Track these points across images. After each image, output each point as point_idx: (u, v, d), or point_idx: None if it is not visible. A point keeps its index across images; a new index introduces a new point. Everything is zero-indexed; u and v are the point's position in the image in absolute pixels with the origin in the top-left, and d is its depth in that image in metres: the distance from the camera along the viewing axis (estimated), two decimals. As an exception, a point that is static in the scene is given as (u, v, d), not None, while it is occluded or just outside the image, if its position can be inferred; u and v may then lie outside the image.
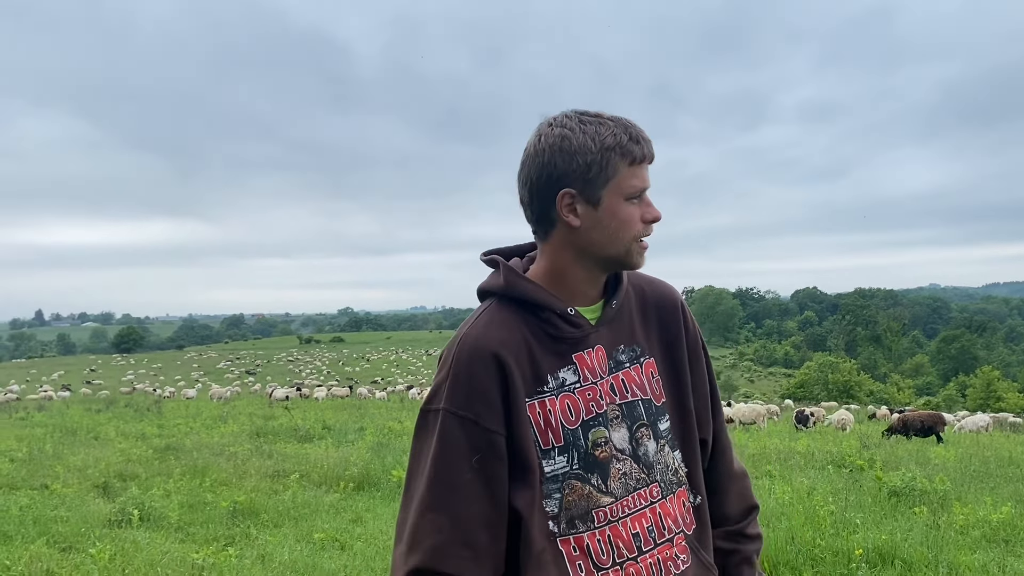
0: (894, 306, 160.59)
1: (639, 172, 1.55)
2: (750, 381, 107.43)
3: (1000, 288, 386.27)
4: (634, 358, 1.66)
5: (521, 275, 1.62)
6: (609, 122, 1.54)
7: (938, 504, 8.67)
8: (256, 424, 19.70)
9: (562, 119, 1.55)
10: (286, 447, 14.54)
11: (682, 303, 1.77)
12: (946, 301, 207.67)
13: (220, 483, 10.01)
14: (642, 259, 1.60)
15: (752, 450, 15.01)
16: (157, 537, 7.12)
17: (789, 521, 7.45)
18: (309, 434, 17.03)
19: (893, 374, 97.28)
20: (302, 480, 10.25)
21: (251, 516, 8.08)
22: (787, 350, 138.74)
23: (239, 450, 13.36)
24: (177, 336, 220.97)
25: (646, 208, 1.58)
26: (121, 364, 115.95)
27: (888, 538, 6.71)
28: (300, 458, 12.32)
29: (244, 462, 11.69)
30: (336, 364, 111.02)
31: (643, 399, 1.64)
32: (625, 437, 1.59)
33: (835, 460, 12.96)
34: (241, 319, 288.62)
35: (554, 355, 1.57)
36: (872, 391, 75.69)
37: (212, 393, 41.10)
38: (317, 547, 6.92)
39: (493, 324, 1.57)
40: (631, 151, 1.52)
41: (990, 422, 26.11)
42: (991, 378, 71.07)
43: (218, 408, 29.23)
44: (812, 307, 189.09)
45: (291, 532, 7.52)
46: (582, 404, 1.57)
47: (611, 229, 1.55)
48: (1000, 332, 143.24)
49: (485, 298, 1.66)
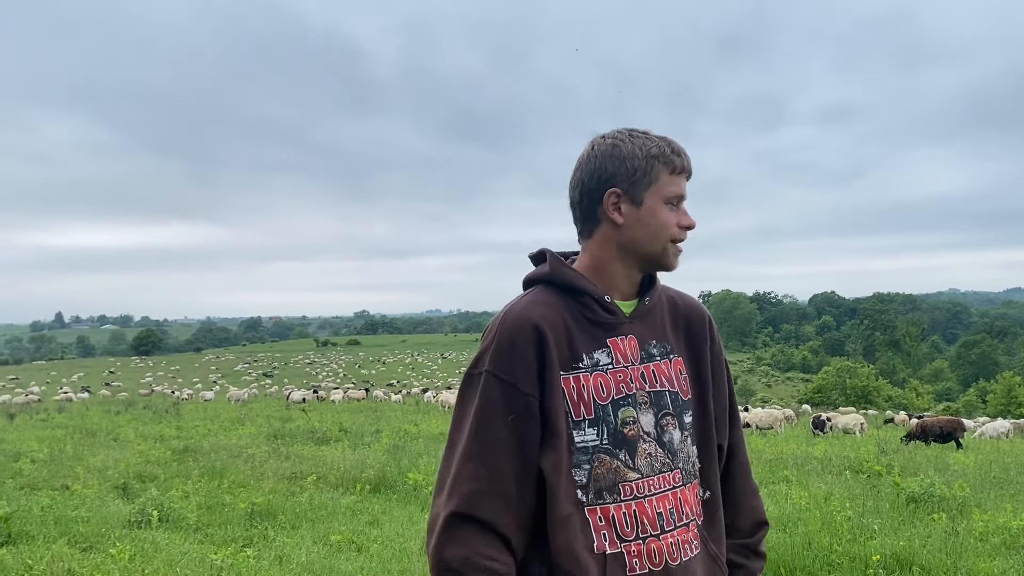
0: (913, 311, 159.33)
1: (678, 181, 1.76)
2: (767, 386, 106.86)
3: (1021, 293, 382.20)
4: (664, 353, 1.81)
5: (566, 264, 1.80)
6: (655, 137, 1.77)
7: (957, 510, 8.60)
8: (273, 426, 19.80)
9: (614, 133, 1.78)
10: (303, 449, 14.60)
11: (710, 319, 1.94)
12: (966, 306, 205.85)
13: (238, 485, 10.07)
14: (676, 261, 1.79)
15: (769, 455, 14.94)
16: (176, 538, 7.18)
17: (806, 526, 7.42)
18: (326, 436, 17.10)
19: (912, 379, 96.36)
20: (319, 482, 10.30)
21: (269, 517, 8.13)
22: (805, 355, 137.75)
23: (256, 452, 13.43)
24: (195, 338, 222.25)
25: (682, 215, 1.78)
26: (140, 366, 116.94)
27: (906, 544, 6.67)
28: (317, 460, 12.37)
29: (261, 464, 11.76)
30: (352, 367, 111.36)
31: (670, 391, 1.78)
32: (651, 422, 1.73)
33: (853, 466, 12.87)
34: (259, 322, 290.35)
35: (590, 337, 1.73)
36: (891, 396, 75.06)
37: (229, 395, 41.36)
38: (334, 549, 6.96)
39: (537, 303, 1.73)
40: (672, 161, 1.74)
41: (1011, 428, 25.80)
42: (1012, 384, 70.26)
43: (235, 410, 29.42)
44: (830, 312, 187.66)
45: (308, 534, 7.56)
46: (613, 384, 1.70)
47: (651, 228, 1.75)
48: (1021, 337, 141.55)
49: (530, 287, 1.83)
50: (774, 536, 6.99)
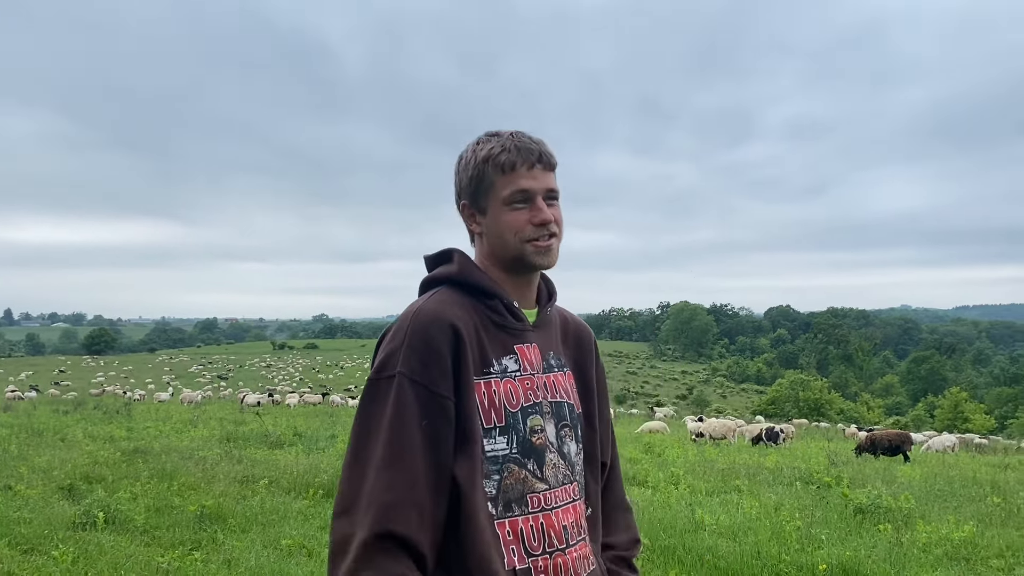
0: (866, 326, 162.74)
1: (514, 178, 1.67)
2: (722, 397, 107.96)
3: (970, 311, 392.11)
4: (560, 366, 1.81)
5: (475, 265, 1.75)
6: (496, 138, 1.71)
7: (902, 522, 8.79)
8: (226, 429, 19.52)
9: (475, 140, 1.75)
10: (256, 453, 14.42)
11: (594, 337, 1.95)
12: (917, 322, 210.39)
13: (188, 487, 9.91)
14: (545, 259, 1.71)
15: (722, 464, 15.12)
16: (122, 540, 7.04)
17: (756, 536, 7.53)
18: (280, 440, 16.91)
19: (863, 393, 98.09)
20: (271, 486, 10.18)
21: (218, 521, 8.01)
22: (759, 367, 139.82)
23: (208, 454, 13.24)
24: (149, 339, 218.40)
25: (535, 211, 1.68)
26: (91, 366, 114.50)
27: (852, 554, 6.80)
28: (270, 464, 12.24)
29: (213, 467, 11.59)
30: (309, 371, 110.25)
31: (568, 403, 1.78)
32: (554, 432, 1.71)
33: (803, 477, 13.08)
34: (215, 323, 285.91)
35: (499, 343, 1.68)
36: (842, 410, 76.33)
37: (182, 397, 40.63)
38: (284, 553, 6.88)
39: (448, 303, 1.65)
40: (499, 160, 1.67)
41: (956, 442, 26.44)
42: (959, 399, 71.91)
43: (188, 412, 28.94)
44: (785, 325, 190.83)
45: (258, 538, 7.46)
46: (522, 392, 1.67)
47: (496, 234, 1.71)
48: (969, 354, 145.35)
49: (432, 287, 1.74)
50: (725, 545, 7.08)
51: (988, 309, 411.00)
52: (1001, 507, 10.29)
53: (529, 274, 1.76)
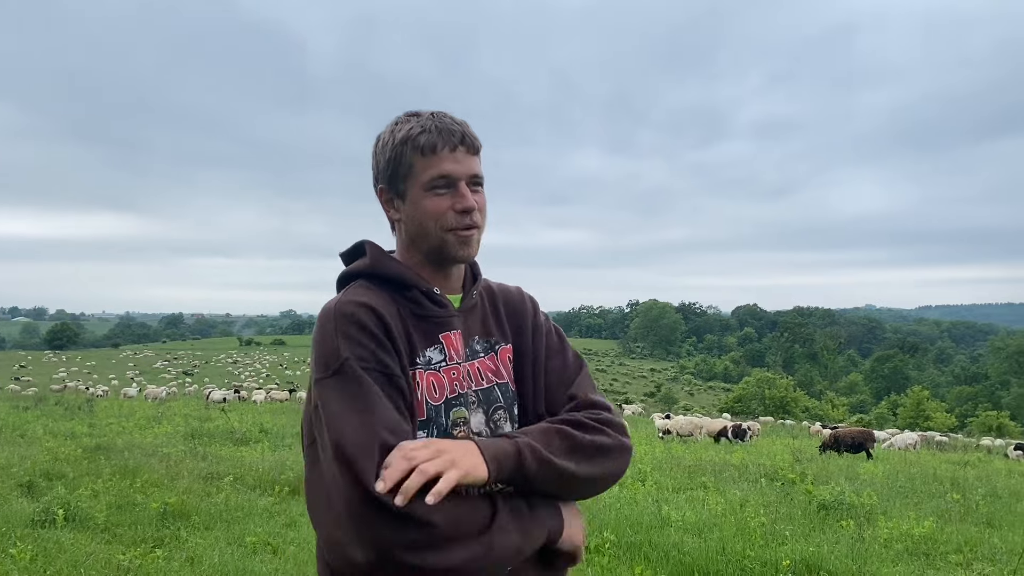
0: (831, 325, 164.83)
1: (435, 161, 1.57)
2: (690, 394, 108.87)
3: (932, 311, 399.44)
4: (488, 348, 1.73)
5: (389, 255, 1.69)
6: (415, 118, 1.61)
7: (864, 518, 8.91)
8: (191, 426, 19.30)
9: (392, 121, 1.65)
10: (221, 449, 14.28)
11: (530, 297, 1.85)
12: (881, 322, 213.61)
13: (151, 484, 9.77)
14: (465, 250, 1.62)
15: (689, 461, 15.23)
16: (82, 538, 6.92)
17: (721, 532, 7.58)
18: (245, 437, 16.75)
19: (828, 391, 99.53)
20: (236, 483, 10.07)
21: (182, 518, 7.91)
22: (727, 365, 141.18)
23: (172, 451, 13.07)
24: (113, 334, 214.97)
25: (458, 198, 1.59)
26: (53, 361, 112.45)
27: (815, 550, 6.88)
28: (235, 461, 12.11)
29: (177, 463, 11.44)
30: (276, 367, 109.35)
31: (499, 383, 1.71)
32: (482, 421, 1.65)
33: (768, 473, 13.22)
34: (180, 318, 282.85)
35: (422, 333, 1.61)
36: (808, 407, 77.26)
37: (147, 393, 40.11)
38: (249, 551, 6.80)
39: (366, 295, 1.57)
40: (419, 141, 1.57)
41: (918, 440, 26.92)
42: (921, 398, 73.14)
43: (152, 408, 28.56)
44: (752, 324, 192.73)
45: (222, 535, 7.38)
46: (446, 383, 1.61)
47: (417, 221, 1.62)
48: (931, 353, 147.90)
49: (349, 283, 1.67)
50: (690, 541, 7.13)
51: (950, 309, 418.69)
52: (960, 503, 10.48)
53: (444, 264, 1.67)
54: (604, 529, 7.24)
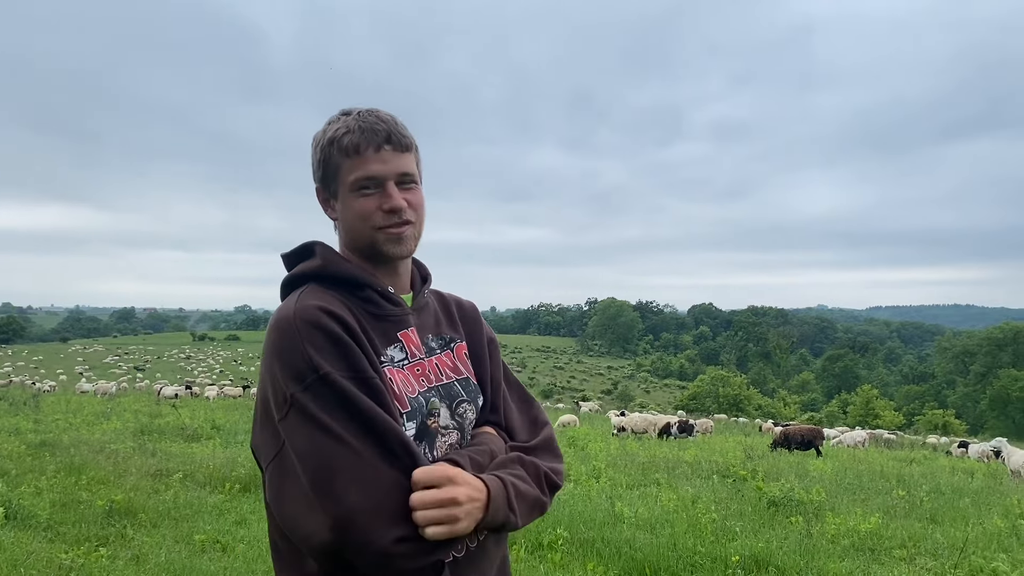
0: (784, 325, 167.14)
1: (360, 163, 1.57)
2: (646, 392, 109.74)
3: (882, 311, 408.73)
4: (444, 345, 1.76)
5: (340, 255, 1.66)
6: (344, 117, 1.62)
7: (813, 514, 9.06)
8: (141, 422, 18.94)
9: (327, 119, 1.65)
10: (171, 446, 14.03)
11: (478, 311, 1.91)
12: (832, 322, 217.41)
13: (97, 481, 9.56)
14: (397, 247, 1.62)
15: (643, 458, 15.36)
16: (24, 536, 6.74)
17: (673, 528, 7.66)
18: (197, 433, 16.49)
19: (781, 390, 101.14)
20: (186, 480, 9.90)
21: (128, 516, 7.75)
22: (682, 363, 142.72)
23: (121, 448, 12.81)
24: (62, 328, 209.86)
25: (385, 198, 1.58)
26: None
27: (764, 546, 6.98)
28: (185, 457, 11.92)
29: (125, 460, 11.21)
30: (230, 363, 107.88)
31: (459, 379, 1.74)
32: (447, 415, 1.66)
33: (720, 470, 13.38)
34: (132, 313, 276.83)
35: (381, 333, 1.60)
36: (760, 405, 78.40)
37: (96, 388, 39.25)
38: (197, 549, 6.70)
39: (321, 298, 1.54)
40: (343, 142, 1.57)
41: (866, 438, 27.48)
42: (870, 396, 74.63)
43: (101, 404, 27.96)
44: (707, 322, 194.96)
45: (170, 533, 7.25)
46: (413, 378, 1.62)
47: (348, 222, 1.63)
48: (880, 353, 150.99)
49: (297, 285, 1.63)
50: (642, 537, 7.18)
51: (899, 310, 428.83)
52: (905, 500, 10.71)
53: (392, 262, 1.67)
54: (557, 526, 7.26)
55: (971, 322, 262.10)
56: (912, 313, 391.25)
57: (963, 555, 7.08)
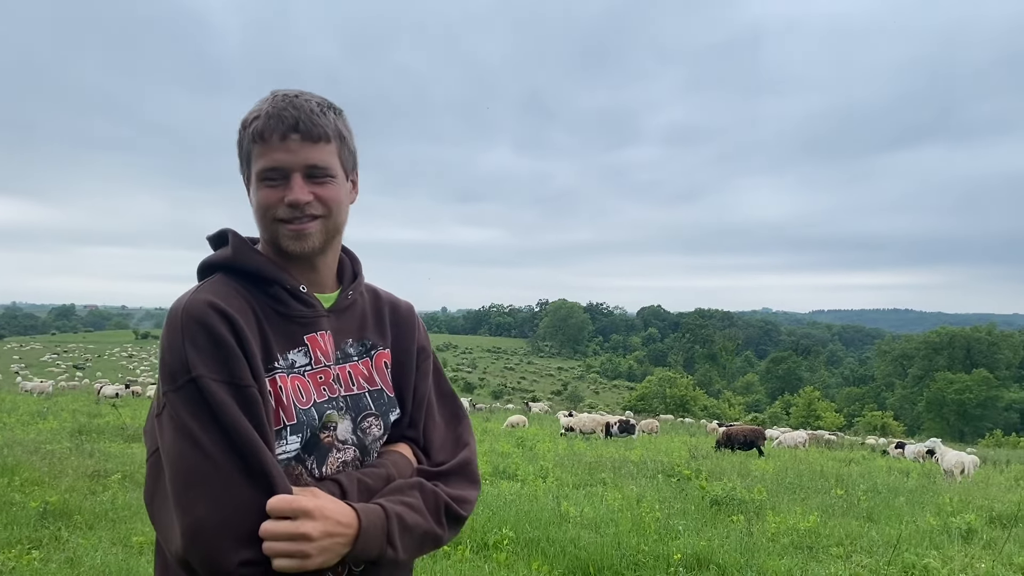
0: (730, 327, 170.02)
1: (267, 151, 1.47)
2: (595, 392, 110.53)
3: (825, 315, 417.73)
4: (363, 352, 1.66)
5: (253, 248, 1.56)
6: (267, 98, 1.51)
7: (754, 513, 9.23)
8: (79, 421, 18.44)
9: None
10: (111, 446, 13.69)
11: (416, 315, 1.80)
12: (776, 324, 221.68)
13: (31, 483, 9.28)
14: (297, 244, 1.51)
15: (590, 458, 15.46)
16: (-48, 539, 6.53)
17: (617, 527, 7.72)
18: (137, 433, 16.11)
19: (726, 391, 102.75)
20: (124, 481, 9.68)
21: (63, 517, 7.55)
22: (631, 364, 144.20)
23: (57, 448, 12.46)
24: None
25: (288, 190, 1.48)
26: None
27: (706, 544, 7.09)
28: (125, 458, 11.65)
29: (61, 460, 10.91)
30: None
31: (372, 390, 1.64)
32: (349, 428, 1.57)
33: (665, 470, 13.54)
34: (72, 310, 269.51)
35: (284, 335, 1.51)
36: (706, 406, 79.57)
37: (32, 387, 38.11)
38: (135, 551, 6.55)
39: (219, 293, 1.45)
40: (252, 127, 1.48)
41: (807, 438, 28.03)
42: (812, 398, 76.30)
43: (37, 403, 27.16)
44: (656, 324, 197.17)
45: (107, 535, 7.08)
46: (313, 388, 1.53)
47: (255, 210, 1.52)
48: (823, 356, 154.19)
49: (208, 274, 1.55)
50: (586, 536, 7.23)
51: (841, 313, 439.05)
52: (843, 499, 10.98)
53: (288, 257, 1.55)
54: (503, 526, 7.28)
55: (909, 326, 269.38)
56: (853, 317, 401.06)
57: (897, 552, 7.28)
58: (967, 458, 16.93)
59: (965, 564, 7.07)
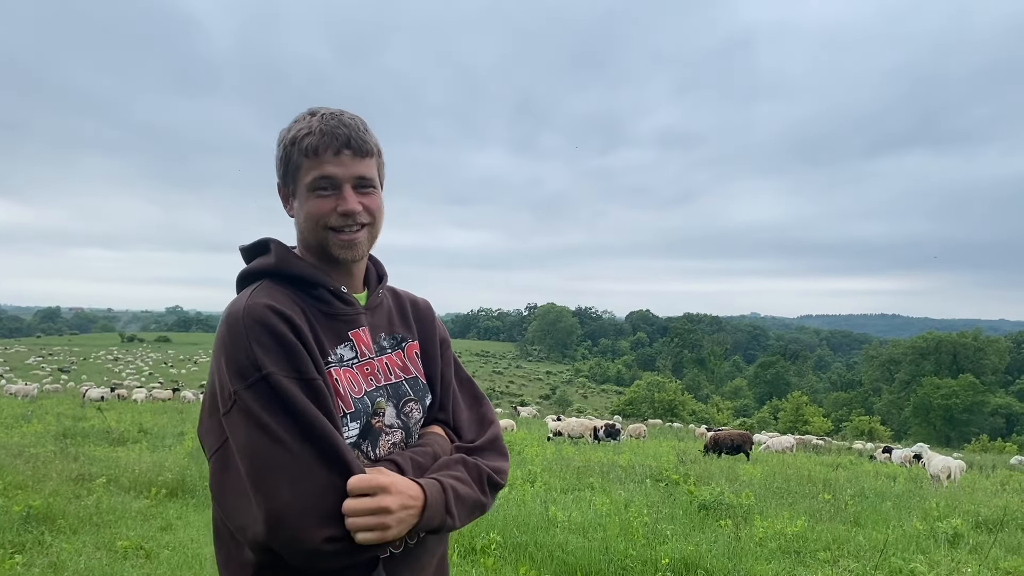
0: (718, 331, 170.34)
1: (319, 163, 1.62)
2: (584, 397, 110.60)
3: (813, 320, 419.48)
4: (395, 344, 1.82)
5: (295, 254, 1.71)
6: (309, 117, 1.66)
7: (742, 517, 9.23)
8: (64, 425, 18.30)
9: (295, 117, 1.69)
10: (95, 450, 13.59)
11: (433, 311, 1.98)
12: (765, 329, 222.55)
13: (15, 486, 9.20)
14: (348, 252, 1.67)
15: (578, 463, 15.45)
16: (-67, 544, 6.46)
17: (605, 532, 7.71)
18: (123, 437, 16.01)
19: (714, 395, 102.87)
20: (109, 485, 9.61)
21: (47, 522, 7.48)
22: (619, 368, 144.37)
23: (41, 451, 12.36)
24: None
25: (341, 200, 1.63)
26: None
27: (694, 549, 7.07)
28: (110, 461, 11.56)
29: (45, 464, 10.81)
30: (160, 365, 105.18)
31: (408, 378, 1.80)
32: (393, 413, 1.72)
33: (654, 474, 13.54)
34: (57, 312, 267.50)
35: (331, 332, 1.65)
36: (695, 411, 79.66)
37: (16, 390, 37.80)
38: (119, 556, 6.50)
39: (273, 296, 1.57)
40: (304, 143, 1.62)
41: (794, 443, 28.09)
42: (800, 403, 76.46)
43: (22, 406, 26.95)
44: (644, 329, 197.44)
45: (91, 539, 7.02)
46: (362, 379, 1.67)
47: (302, 220, 1.67)
48: (810, 361, 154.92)
49: (251, 281, 1.67)
50: (574, 541, 7.21)
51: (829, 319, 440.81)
52: (831, 503, 11.00)
53: (330, 263, 1.70)
54: (491, 530, 7.25)
55: (897, 331, 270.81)
56: (841, 322, 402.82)
57: (884, 557, 7.29)
58: (953, 463, 17.01)
59: (952, 568, 7.10)
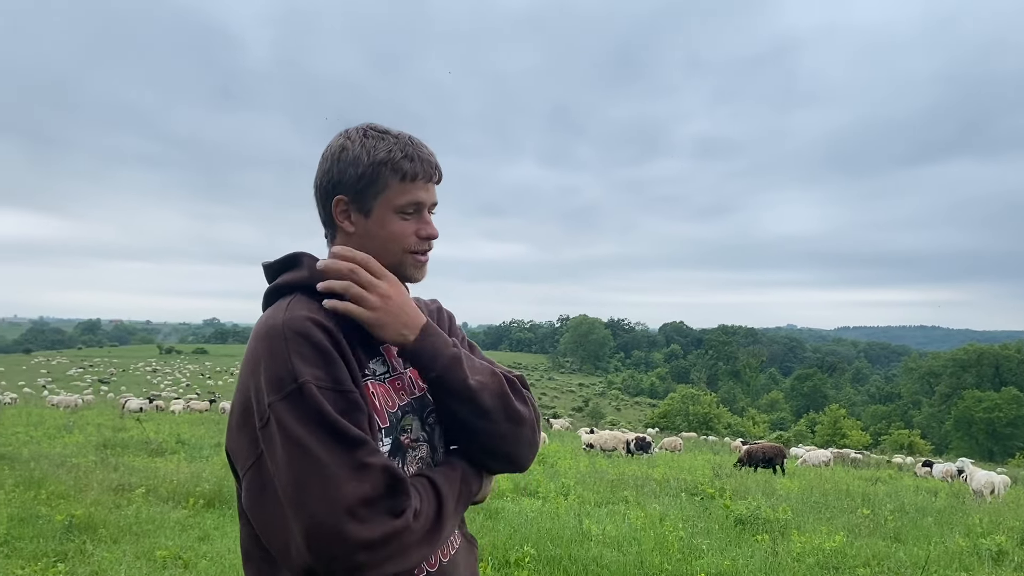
0: (754, 344, 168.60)
1: (411, 189, 1.64)
2: (617, 409, 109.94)
3: (850, 332, 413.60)
4: None
5: None
6: (391, 138, 1.65)
7: (779, 532, 9.12)
8: (104, 435, 18.61)
9: (351, 131, 1.68)
10: (135, 460, 13.81)
11: (448, 311, 1.97)
12: (801, 341, 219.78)
13: (57, 496, 9.38)
14: (419, 273, 1.71)
15: (612, 476, 15.36)
16: (-21, 552, 6.59)
17: (640, 546, 7.66)
18: (161, 448, 16.24)
19: (750, 408, 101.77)
20: (148, 495, 9.75)
21: (88, 531, 7.60)
22: (653, 381, 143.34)
23: (82, 462, 12.58)
24: (25, 339, 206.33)
25: (422, 224, 1.68)
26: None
27: (731, 564, 7.01)
28: (149, 472, 11.72)
29: (86, 474, 11.01)
30: (197, 376, 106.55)
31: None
32: (419, 427, 1.69)
33: (689, 488, 13.43)
34: (98, 324, 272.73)
35: (365, 346, 1.63)
36: (730, 424, 78.93)
37: (59, 400, 38.53)
38: (158, 565, 6.58)
39: (312, 309, 1.55)
40: (402, 167, 1.63)
41: (831, 457, 27.67)
42: (837, 416, 75.39)
43: (64, 417, 27.46)
44: (678, 340, 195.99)
45: (131, 549, 7.12)
46: (393, 392, 1.65)
47: (380, 239, 1.66)
48: (848, 373, 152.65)
49: (282, 294, 1.63)
50: (609, 555, 7.18)
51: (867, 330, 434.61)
52: (870, 518, 10.81)
53: (414, 282, 1.73)
54: (525, 543, 7.24)
55: (936, 343, 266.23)
56: (879, 334, 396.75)
57: (925, 574, 7.16)
58: (997, 478, 16.65)
59: (996, 587, 6.94)
